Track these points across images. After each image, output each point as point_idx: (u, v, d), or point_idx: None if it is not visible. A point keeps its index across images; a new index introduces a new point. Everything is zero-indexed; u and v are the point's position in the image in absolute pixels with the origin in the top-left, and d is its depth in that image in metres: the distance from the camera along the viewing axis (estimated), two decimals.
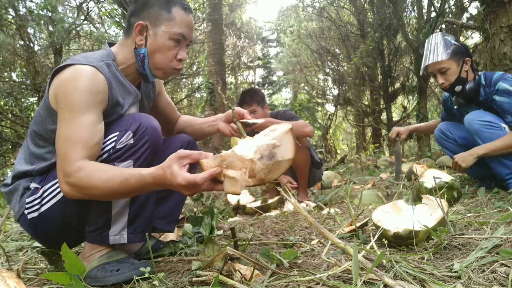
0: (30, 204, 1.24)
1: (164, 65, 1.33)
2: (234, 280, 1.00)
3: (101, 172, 1.10)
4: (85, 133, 1.13)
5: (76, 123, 1.13)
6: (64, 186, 1.12)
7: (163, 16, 1.29)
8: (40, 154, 1.28)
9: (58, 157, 1.14)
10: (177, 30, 1.29)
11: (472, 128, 2.16)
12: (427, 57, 2.33)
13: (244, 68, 17.55)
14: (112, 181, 1.08)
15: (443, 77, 2.28)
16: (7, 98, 7.88)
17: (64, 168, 1.11)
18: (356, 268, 0.88)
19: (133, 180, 1.08)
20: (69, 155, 1.11)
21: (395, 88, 9.47)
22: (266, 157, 1.00)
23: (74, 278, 0.98)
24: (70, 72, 1.18)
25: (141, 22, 1.28)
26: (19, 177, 1.30)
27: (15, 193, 1.30)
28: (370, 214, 1.50)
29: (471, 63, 2.30)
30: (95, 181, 1.09)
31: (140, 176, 1.08)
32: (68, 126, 1.13)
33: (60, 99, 1.16)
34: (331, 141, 11.64)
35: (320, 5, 10.84)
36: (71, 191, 1.12)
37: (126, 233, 1.25)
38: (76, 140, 1.12)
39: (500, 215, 1.54)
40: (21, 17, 6.76)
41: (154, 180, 1.07)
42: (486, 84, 2.25)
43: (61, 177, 1.12)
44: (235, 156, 1.00)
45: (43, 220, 1.24)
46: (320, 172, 3.27)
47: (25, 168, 1.29)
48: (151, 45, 1.30)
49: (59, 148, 1.14)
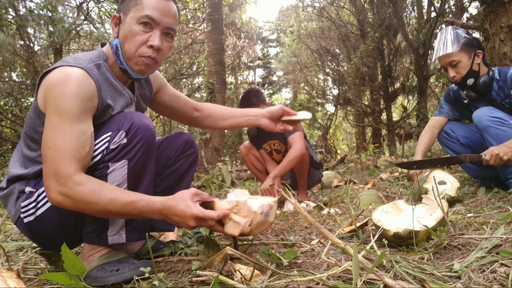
0: (26, 208, 1.24)
1: (133, 53, 1.24)
2: (234, 280, 1.00)
3: (107, 191, 1.10)
4: (76, 144, 1.12)
5: (66, 131, 1.11)
6: (56, 195, 1.10)
7: (131, 3, 1.25)
8: (33, 157, 1.27)
9: (47, 164, 1.11)
10: (143, 13, 1.22)
11: (481, 124, 2.10)
12: (437, 50, 2.27)
13: (244, 68, 17.57)
14: (118, 202, 1.10)
15: (454, 70, 2.22)
16: (7, 98, 7.89)
17: (58, 179, 1.09)
18: (356, 268, 0.88)
19: (140, 204, 1.11)
20: (63, 166, 1.09)
21: (395, 88, 9.48)
22: (264, 214, 1.17)
23: (74, 278, 0.98)
24: (58, 73, 1.15)
25: (115, 14, 1.27)
26: (14, 180, 1.29)
27: (10, 197, 1.29)
28: (370, 214, 1.50)
29: (483, 56, 2.24)
30: (98, 198, 1.09)
31: (149, 201, 1.12)
32: (57, 133, 1.11)
33: (49, 102, 1.14)
34: (331, 141, 11.64)
35: (320, 5, 10.85)
36: (64, 202, 1.10)
37: (124, 233, 1.25)
38: (68, 150, 1.10)
39: (500, 215, 1.54)
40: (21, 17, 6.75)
41: (163, 207, 1.12)
42: (500, 79, 2.20)
43: (53, 185, 1.10)
44: (245, 205, 1.16)
45: (40, 223, 1.24)
46: (319, 173, 3.27)
47: (19, 171, 1.28)
48: (121, 34, 1.26)
49: (46, 155, 1.12)
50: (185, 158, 1.56)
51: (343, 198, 2.35)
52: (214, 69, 8.79)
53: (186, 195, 1.12)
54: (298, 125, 1.58)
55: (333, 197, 2.75)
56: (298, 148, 2.76)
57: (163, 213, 1.13)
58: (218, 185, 4.31)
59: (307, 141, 3.13)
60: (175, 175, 1.54)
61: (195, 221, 1.11)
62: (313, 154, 3.14)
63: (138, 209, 1.12)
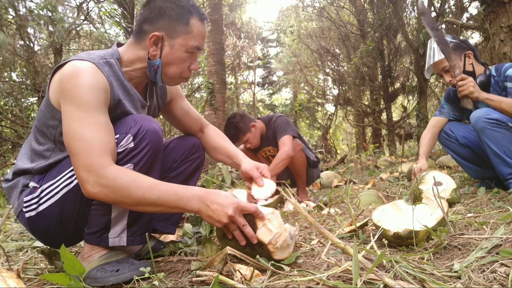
0: (28, 203, 1.24)
1: (177, 76, 1.33)
2: (234, 280, 1.00)
3: (146, 179, 1.11)
4: (104, 134, 1.12)
5: (91, 122, 1.11)
6: (94, 187, 1.08)
7: (180, 29, 1.26)
8: (40, 151, 1.28)
9: (79, 157, 1.10)
10: (193, 44, 1.28)
11: (477, 126, 2.12)
12: (428, 59, 2.33)
13: (244, 68, 17.56)
14: (158, 188, 1.11)
15: (449, 74, 2.27)
16: (7, 98, 7.89)
17: (95, 171, 1.08)
18: (356, 268, 0.88)
19: (181, 189, 1.13)
20: (97, 157, 1.09)
21: (395, 88, 9.48)
22: (290, 236, 1.19)
23: (73, 279, 0.98)
24: (71, 66, 1.16)
25: (156, 33, 1.25)
26: (19, 173, 1.30)
27: (14, 189, 1.30)
28: (370, 214, 1.50)
29: (474, 55, 2.27)
30: (139, 186, 1.09)
31: (189, 187, 1.15)
32: (81, 125, 1.11)
33: (65, 95, 1.14)
34: (331, 141, 11.64)
35: (320, 5, 10.84)
36: (102, 193, 1.09)
37: (125, 236, 1.24)
38: (99, 141, 1.10)
39: (500, 215, 1.54)
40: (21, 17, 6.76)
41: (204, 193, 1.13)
42: (496, 75, 2.24)
43: (89, 177, 1.08)
44: (279, 217, 1.19)
45: (41, 219, 1.24)
46: (317, 171, 3.27)
47: (25, 165, 1.29)
48: (166, 57, 1.28)
49: (76, 147, 1.10)
50: (191, 162, 1.56)
51: (343, 198, 2.35)
52: (214, 69, 8.78)
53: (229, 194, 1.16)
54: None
55: (333, 197, 2.75)
56: (285, 151, 2.76)
57: (202, 199, 1.12)
58: (218, 185, 4.30)
59: (304, 142, 3.13)
60: (179, 179, 1.53)
61: (234, 211, 1.11)
62: (310, 153, 3.13)
63: (178, 195, 1.11)
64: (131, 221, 1.25)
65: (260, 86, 19.33)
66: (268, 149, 3.16)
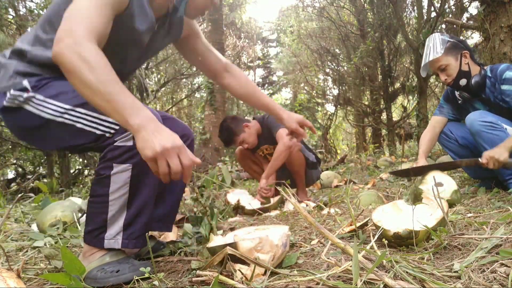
0: (13, 96, 1.20)
1: (204, 5, 1.40)
2: (234, 280, 1.00)
3: (112, 72, 1.02)
4: (102, 22, 1.10)
5: (98, 4, 1.09)
6: (65, 48, 1.00)
7: None
8: (43, 40, 1.24)
9: (66, 22, 1.05)
10: None
11: (473, 129, 2.14)
12: (424, 57, 2.33)
13: (244, 68, 17.56)
14: (114, 85, 1.00)
15: (444, 73, 2.27)
16: None
17: (77, 36, 1.01)
18: (356, 268, 0.88)
19: (131, 98, 1.01)
20: (83, 26, 1.04)
21: (395, 88, 9.48)
22: (283, 244, 1.16)
23: (73, 279, 0.98)
24: None
25: None
26: (16, 53, 1.27)
27: (3, 68, 1.26)
28: (370, 214, 1.50)
29: (471, 56, 2.27)
30: (103, 69, 1.01)
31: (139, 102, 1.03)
32: (90, 1, 1.08)
33: None
34: (331, 141, 11.64)
35: (320, 5, 10.84)
36: (68, 57, 1.00)
37: (120, 238, 1.22)
38: (92, 19, 1.07)
39: (500, 215, 1.54)
40: (21, 17, 6.76)
41: (151, 115, 1.02)
42: (492, 76, 2.24)
43: (67, 39, 1.01)
44: (268, 240, 1.13)
45: (18, 116, 1.22)
46: (317, 172, 3.27)
47: (24, 46, 1.25)
48: None
49: (68, 15, 1.07)
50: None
51: (343, 198, 2.35)
52: None
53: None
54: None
55: (333, 197, 2.75)
56: (283, 143, 2.77)
57: (150, 120, 1.00)
58: (218, 185, 4.30)
59: (303, 142, 3.13)
60: None
61: (172, 146, 0.99)
62: (309, 154, 3.13)
63: (133, 103, 1.00)
64: (128, 222, 1.24)
65: (260, 86, 19.33)
66: (265, 147, 3.18)
